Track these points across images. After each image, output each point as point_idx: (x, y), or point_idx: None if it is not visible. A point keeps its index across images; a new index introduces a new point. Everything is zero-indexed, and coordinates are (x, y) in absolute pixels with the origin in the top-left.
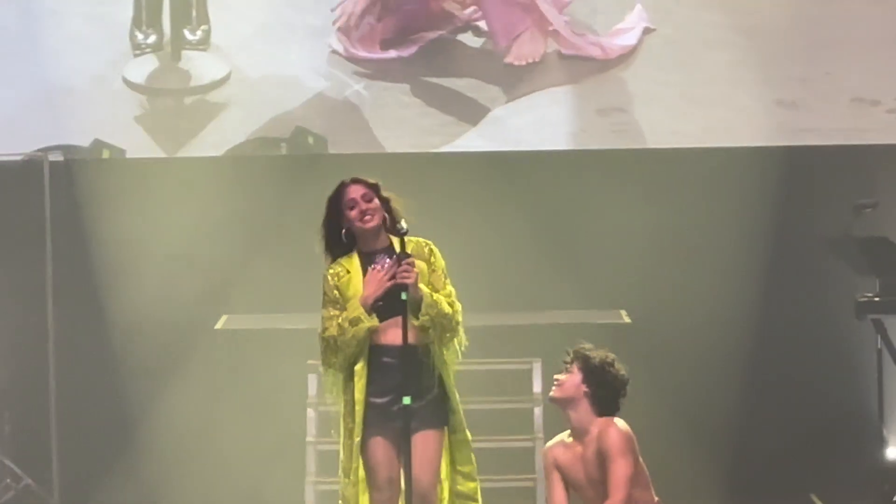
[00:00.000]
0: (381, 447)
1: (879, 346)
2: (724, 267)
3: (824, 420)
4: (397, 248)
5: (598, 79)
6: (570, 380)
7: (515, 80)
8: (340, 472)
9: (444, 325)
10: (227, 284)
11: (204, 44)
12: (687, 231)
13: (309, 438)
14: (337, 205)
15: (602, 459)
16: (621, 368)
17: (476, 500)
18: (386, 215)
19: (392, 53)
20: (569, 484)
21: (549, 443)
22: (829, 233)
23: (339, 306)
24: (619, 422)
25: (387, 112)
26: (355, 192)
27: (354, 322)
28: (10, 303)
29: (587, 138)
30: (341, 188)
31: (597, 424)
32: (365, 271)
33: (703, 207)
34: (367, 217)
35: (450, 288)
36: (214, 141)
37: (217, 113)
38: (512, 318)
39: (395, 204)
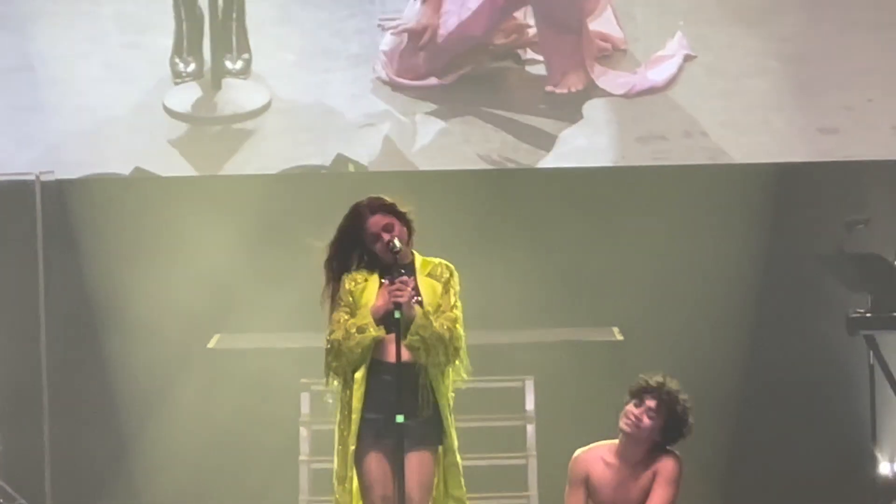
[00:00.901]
0: (375, 464)
1: (871, 361)
2: (717, 284)
3: (816, 435)
4: (417, 263)
5: (640, 107)
6: (654, 424)
7: (556, 108)
8: (335, 479)
9: (437, 348)
10: (220, 303)
11: (244, 72)
12: (679, 248)
13: (302, 457)
14: (356, 230)
15: (653, 483)
16: (691, 405)
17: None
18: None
19: (433, 81)
20: (595, 499)
21: (582, 454)
22: (821, 249)
23: (349, 311)
24: (674, 451)
25: (427, 140)
26: (376, 225)
27: (362, 329)
28: (3, 322)
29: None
30: (362, 215)
31: (654, 459)
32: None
33: (695, 224)
34: (391, 242)
35: (457, 313)
36: (254, 169)
37: (258, 141)
38: (504, 336)
39: (412, 215)
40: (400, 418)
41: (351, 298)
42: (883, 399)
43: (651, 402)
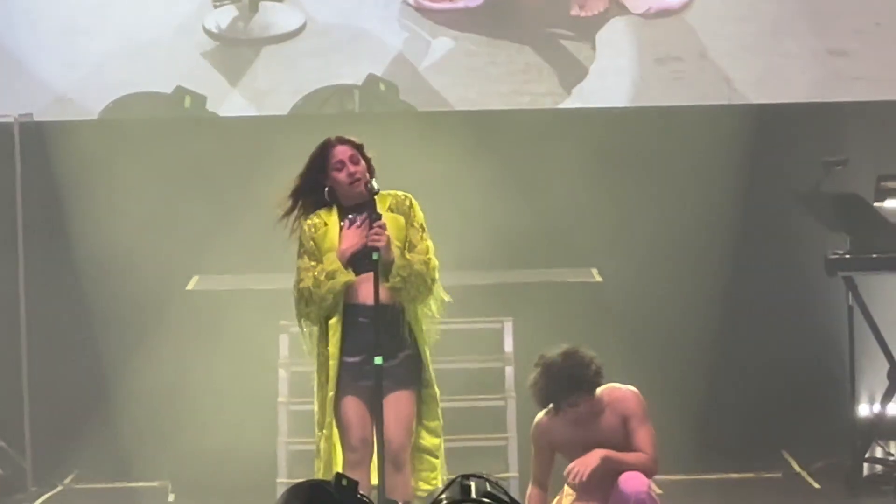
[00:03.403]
0: (353, 407)
1: (850, 303)
2: (696, 224)
3: (796, 377)
4: (377, 204)
5: (657, 29)
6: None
7: (579, 31)
8: (315, 425)
9: (418, 285)
10: (198, 245)
11: None
12: (657, 188)
13: (280, 399)
14: (321, 162)
15: (624, 426)
16: (579, 352)
17: (437, 457)
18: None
19: (460, 4)
20: (563, 455)
21: (542, 420)
22: (799, 189)
23: (315, 258)
24: (630, 387)
25: (455, 62)
26: (343, 153)
27: (331, 275)
28: None
29: (647, 87)
30: (328, 147)
31: (603, 400)
32: (344, 225)
33: (674, 166)
34: (357, 181)
35: (427, 243)
36: (289, 89)
37: (292, 62)
38: (483, 277)
39: (375, 163)
40: (378, 360)
41: (313, 244)
42: (861, 340)
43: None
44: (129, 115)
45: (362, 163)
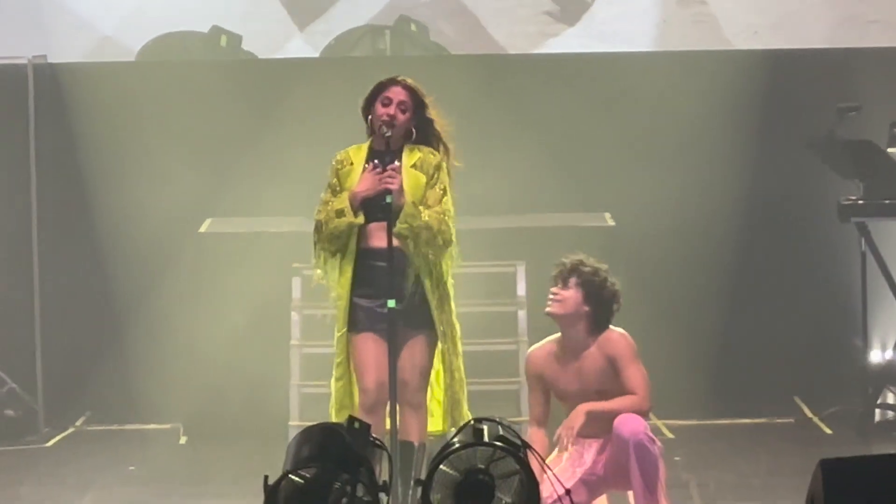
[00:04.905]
0: (367, 350)
1: (863, 249)
2: (710, 169)
3: (808, 323)
4: (402, 156)
5: None
6: (573, 297)
7: None
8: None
9: (427, 240)
10: (211, 188)
11: None
12: (672, 134)
13: (293, 342)
14: (375, 92)
15: (611, 367)
16: (616, 281)
17: (463, 407)
18: (413, 131)
19: None
20: (555, 395)
21: (533, 351)
22: (813, 136)
23: (335, 193)
24: (620, 329)
25: (484, 2)
26: (396, 94)
27: (340, 213)
28: None
29: (669, 29)
30: (389, 81)
31: (596, 339)
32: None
33: (689, 110)
34: (388, 127)
35: (446, 206)
36: (323, 30)
37: (325, 4)
38: (497, 221)
39: (439, 126)
40: (391, 303)
41: (336, 180)
42: (874, 286)
43: (571, 280)
44: (165, 57)
45: (408, 114)
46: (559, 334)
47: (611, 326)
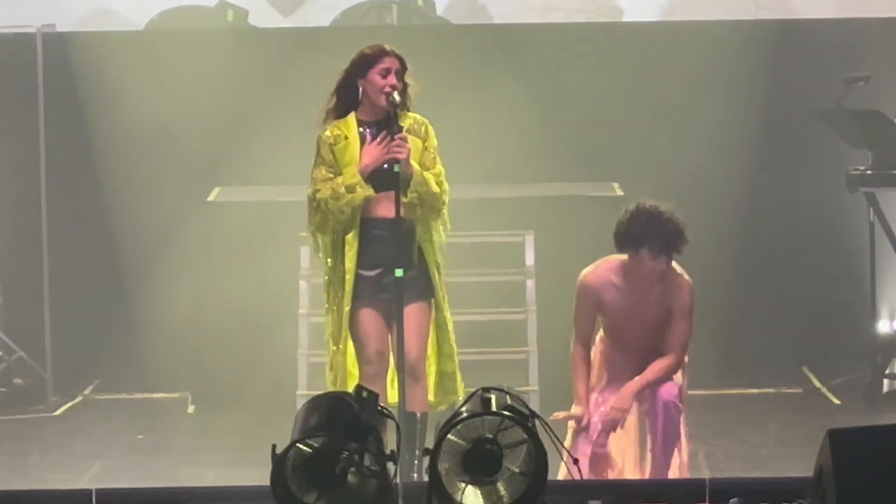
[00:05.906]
0: (370, 320)
1: (871, 219)
2: (718, 140)
3: (817, 293)
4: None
5: None
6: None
7: None
8: (328, 339)
9: (432, 204)
10: (220, 156)
11: None
12: (680, 104)
13: (301, 310)
14: (368, 64)
15: (668, 312)
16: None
17: (456, 380)
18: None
19: None
20: (603, 316)
21: (588, 275)
22: (821, 105)
23: (332, 170)
24: (687, 277)
25: None
26: (392, 63)
27: (351, 189)
28: (2, 175)
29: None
30: (381, 52)
31: (663, 281)
32: (363, 140)
33: (696, 81)
34: (400, 96)
35: (440, 168)
36: (331, 4)
37: None
38: (505, 190)
39: (411, 91)
40: (399, 272)
41: (332, 155)
42: (882, 256)
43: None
44: (171, 28)
45: (401, 83)
46: (616, 258)
47: (681, 271)
